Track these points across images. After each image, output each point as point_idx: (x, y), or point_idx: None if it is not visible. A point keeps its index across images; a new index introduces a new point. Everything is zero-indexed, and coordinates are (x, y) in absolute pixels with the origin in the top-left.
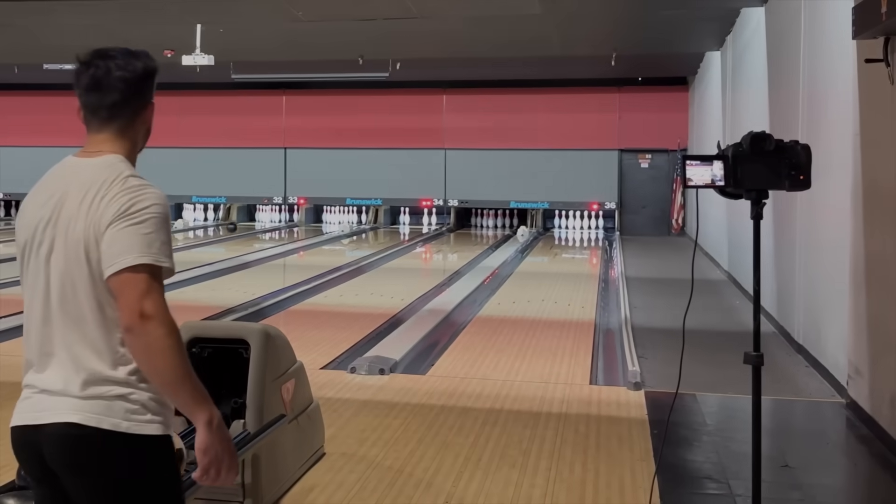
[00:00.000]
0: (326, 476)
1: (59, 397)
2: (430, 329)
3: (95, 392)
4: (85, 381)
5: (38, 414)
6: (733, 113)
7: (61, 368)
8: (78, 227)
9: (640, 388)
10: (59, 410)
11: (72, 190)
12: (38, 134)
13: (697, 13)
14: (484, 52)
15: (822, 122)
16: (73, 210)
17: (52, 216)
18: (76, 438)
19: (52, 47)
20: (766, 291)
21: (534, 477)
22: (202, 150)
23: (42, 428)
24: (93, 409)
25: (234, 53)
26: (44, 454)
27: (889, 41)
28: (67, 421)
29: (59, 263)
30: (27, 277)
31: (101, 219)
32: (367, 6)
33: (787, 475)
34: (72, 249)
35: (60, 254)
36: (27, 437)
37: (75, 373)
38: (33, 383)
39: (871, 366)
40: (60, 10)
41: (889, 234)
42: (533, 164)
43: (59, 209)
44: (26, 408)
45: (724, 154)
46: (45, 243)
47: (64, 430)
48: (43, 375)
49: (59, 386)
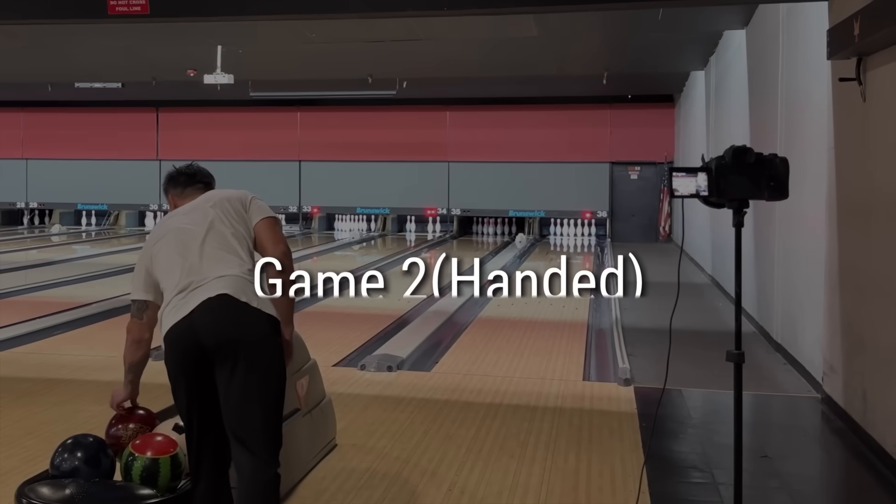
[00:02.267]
0: (338, 465)
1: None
2: (434, 329)
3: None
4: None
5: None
6: (716, 128)
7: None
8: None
9: (629, 384)
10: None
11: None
12: (68, 147)
13: (683, 36)
14: (484, 72)
15: (798, 136)
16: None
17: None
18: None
19: (83, 67)
20: (747, 294)
21: (531, 466)
22: (222, 162)
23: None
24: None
25: (252, 73)
26: None
27: (861, 61)
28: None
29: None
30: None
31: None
32: (375, 29)
33: (766, 465)
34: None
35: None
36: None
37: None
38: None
39: (844, 363)
40: (91, 33)
41: (861, 241)
42: (530, 175)
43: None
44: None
45: (708, 166)
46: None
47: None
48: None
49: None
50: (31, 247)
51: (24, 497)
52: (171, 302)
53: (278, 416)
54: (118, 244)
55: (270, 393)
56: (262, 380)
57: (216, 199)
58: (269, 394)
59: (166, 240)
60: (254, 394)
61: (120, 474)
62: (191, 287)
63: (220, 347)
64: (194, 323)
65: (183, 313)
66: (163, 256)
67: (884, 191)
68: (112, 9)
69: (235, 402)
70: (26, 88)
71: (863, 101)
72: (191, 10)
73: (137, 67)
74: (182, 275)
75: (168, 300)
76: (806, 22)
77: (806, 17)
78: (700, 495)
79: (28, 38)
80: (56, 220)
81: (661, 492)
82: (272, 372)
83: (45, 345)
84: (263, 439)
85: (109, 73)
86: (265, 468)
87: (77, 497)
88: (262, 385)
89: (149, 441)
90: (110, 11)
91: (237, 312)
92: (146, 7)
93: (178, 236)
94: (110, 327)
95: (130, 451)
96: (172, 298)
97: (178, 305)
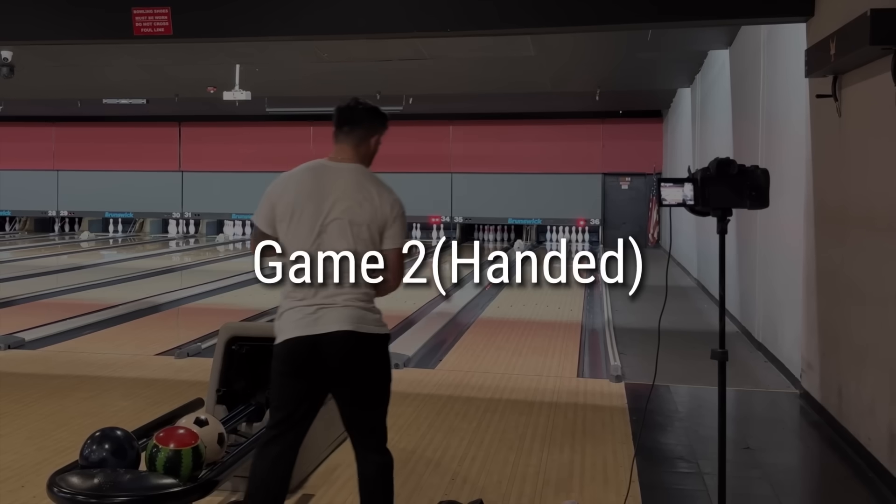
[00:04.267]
0: (349, 456)
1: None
2: (438, 329)
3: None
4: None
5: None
6: (702, 141)
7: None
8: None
9: (620, 381)
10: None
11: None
12: (96, 159)
13: (670, 55)
14: (485, 89)
15: (778, 149)
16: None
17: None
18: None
19: (110, 84)
20: (730, 297)
21: (528, 457)
22: (240, 173)
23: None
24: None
25: (268, 90)
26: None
27: (837, 79)
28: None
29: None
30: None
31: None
32: (383, 49)
33: (748, 456)
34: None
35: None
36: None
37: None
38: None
39: (821, 361)
40: (119, 53)
41: (836, 247)
42: (527, 185)
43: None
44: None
45: (694, 177)
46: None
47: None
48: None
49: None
50: (62, 252)
51: (56, 486)
52: (296, 304)
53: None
54: (143, 250)
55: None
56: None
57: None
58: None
59: (299, 202)
60: (369, 400)
61: (145, 465)
62: (318, 304)
63: (342, 369)
64: (321, 347)
65: (309, 332)
66: (291, 222)
67: (858, 201)
68: (137, 30)
69: (354, 406)
70: (58, 104)
71: (838, 117)
72: (211, 31)
73: (161, 85)
74: (304, 258)
75: (291, 292)
76: (785, 42)
77: (785, 38)
78: (686, 484)
79: (60, 58)
80: (85, 228)
81: (651, 481)
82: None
83: (74, 344)
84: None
85: (135, 90)
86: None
87: (105, 486)
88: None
89: (172, 434)
90: (136, 32)
91: (358, 345)
92: (169, 28)
93: (311, 207)
94: (135, 327)
95: (155, 443)
96: (298, 300)
97: (305, 315)
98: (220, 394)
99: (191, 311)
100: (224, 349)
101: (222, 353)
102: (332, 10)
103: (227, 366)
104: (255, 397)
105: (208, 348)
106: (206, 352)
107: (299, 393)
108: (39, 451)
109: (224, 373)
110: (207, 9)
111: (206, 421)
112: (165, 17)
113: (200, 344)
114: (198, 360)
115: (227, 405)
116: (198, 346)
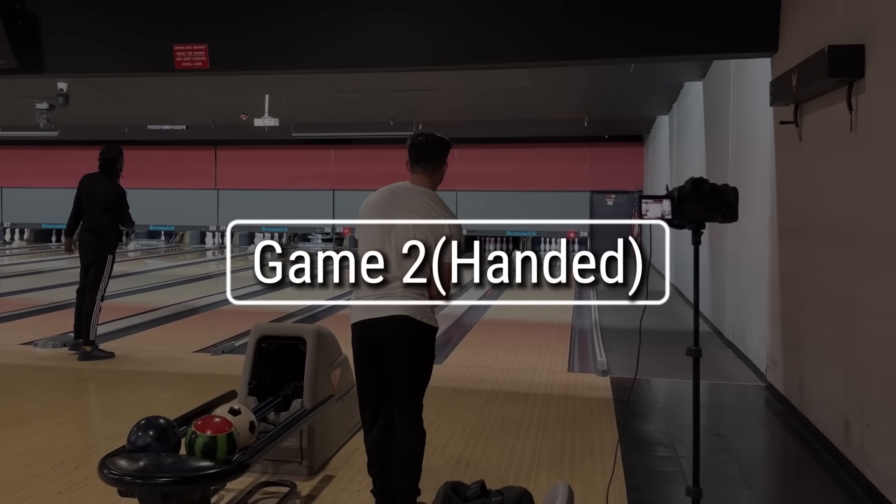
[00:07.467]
0: None
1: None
2: (444, 329)
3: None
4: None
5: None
6: (678, 162)
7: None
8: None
9: (606, 375)
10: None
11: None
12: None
13: (650, 86)
14: (486, 116)
15: (747, 169)
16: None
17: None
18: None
19: (154, 112)
20: (704, 300)
21: (525, 443)
22: (269, 191)
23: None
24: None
25: (294, 117)
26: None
27: (798, 107)
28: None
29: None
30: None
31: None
32: (396, 81)
33: (719, 441)
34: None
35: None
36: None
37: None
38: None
39: (784, 358)
40: (162, 84)
41: (798, 256)
42: (524, 201)
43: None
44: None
45: (672, 194)
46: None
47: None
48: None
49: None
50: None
51: (106, 468)
52: (365, 294)
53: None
54: (183, 259)
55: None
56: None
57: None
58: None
59: (376, 212)
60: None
61: (184, 449)
62: (382, 294)
63: (391, 349)
64: (374, 330)
65: (366, 316)
66: (366, 227)
67: (817, 215)
68: (178, 64)
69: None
70: (106, 130)
71: (799, 141)
72: (244, 65)
73: (199, 112)
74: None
75: (359, 281)
76: (752, 75)
77: (752, 71)
78: (665, 467)
79: (109, 89)
80: (132, 239)
81: (633, 464)
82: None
83: (122, 342)
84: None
85: (175, 117)
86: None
87: (149, 468)
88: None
89: (209, 422)
90: (177, 66)
91: (407, 330)
92: (206, 63)
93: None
94: (176, 328)
95: (193, 430)
96: (367, 291)
97: (370, 304)
98: (251, 386)
99: (225, 314)
100: (255, 347)
101: (253, 351)
102: (351, 48)
103: (257, 362)
104: (282, 389)
105: (241, 346)
106: (238, 349)
107: (365, 369)
108: (92, 437)
109: (255, 368)
110: (241, 45)
111: (239, 410)
112: (203, 53)
113: (234, 342)
114: (231, 357)
115: (258, 396)
116: (231, 345)
